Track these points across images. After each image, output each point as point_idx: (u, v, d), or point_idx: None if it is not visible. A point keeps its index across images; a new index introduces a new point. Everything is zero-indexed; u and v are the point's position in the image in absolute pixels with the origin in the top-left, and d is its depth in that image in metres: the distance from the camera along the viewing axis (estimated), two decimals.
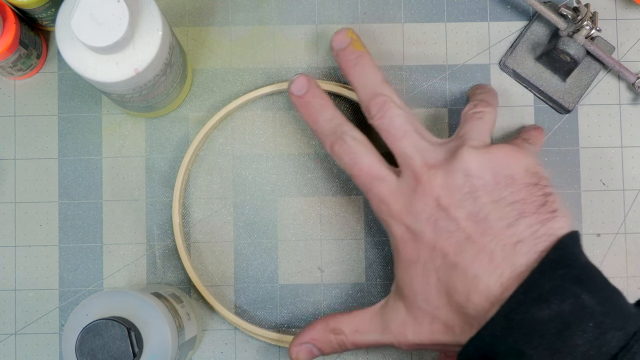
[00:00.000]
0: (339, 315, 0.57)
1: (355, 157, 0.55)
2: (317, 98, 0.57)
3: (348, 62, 0.57)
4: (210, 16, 0.64)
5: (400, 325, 0.54)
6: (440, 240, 0.51)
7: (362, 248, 0.64)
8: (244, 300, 0.63)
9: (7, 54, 0.58)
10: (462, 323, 0.51)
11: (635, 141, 0.64)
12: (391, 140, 0.55)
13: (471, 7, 0.65)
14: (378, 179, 0.54)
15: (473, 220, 0.51)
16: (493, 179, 0.52)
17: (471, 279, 0.50)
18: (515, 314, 0.48)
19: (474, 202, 0.51)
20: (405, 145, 0.54)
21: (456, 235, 0.51)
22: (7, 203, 0.63)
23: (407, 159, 0.54)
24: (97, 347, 0.49)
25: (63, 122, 0.64)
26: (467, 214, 0.51)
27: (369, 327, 0.55)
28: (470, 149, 0.52)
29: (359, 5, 0.64)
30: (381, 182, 0.54)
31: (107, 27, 0.49)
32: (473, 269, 0.50)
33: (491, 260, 0.50)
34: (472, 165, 0.52)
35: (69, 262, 0.63)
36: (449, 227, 0.51)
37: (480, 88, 0.61)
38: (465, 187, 0.51)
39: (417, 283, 0.52)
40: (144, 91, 0.55)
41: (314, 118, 0.57)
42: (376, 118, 0.55)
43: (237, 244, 0.63)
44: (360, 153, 0.55)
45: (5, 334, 0.62)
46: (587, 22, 0.60)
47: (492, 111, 0.57)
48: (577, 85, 0.64)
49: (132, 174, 0.64)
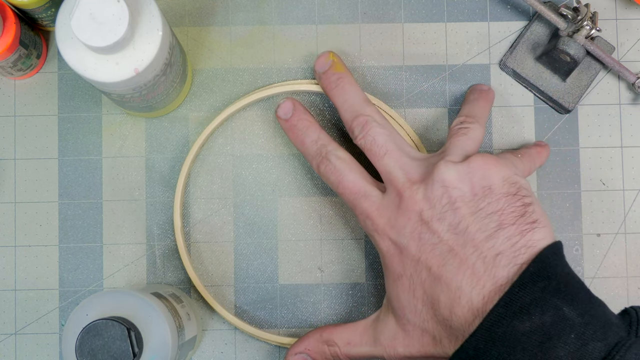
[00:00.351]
0: (332, 327, 0.57)
1: (340, 176, 0.56)
2: (302, 120, 0.59)
3: (330, 84, 0.60)
4: (210, 16, 0.64)
5: (391, 339, 0.54)
6: (424, 253, 0.52)
7: (362, 248, 0.64)
8: (244, 300, 0.63)
9: (7, 54, 0.58)
10: (449, 335, 0.51)
11: (635, 141, 0.64)
12: (375, 159, 0.56)
13: (471, 7, 0.65)
14: (362, 196, 0.55)
15: (454, 232, 0.51)
16: (471, 190, 0.52)
17: (454, 291, 0.50)
18: (497, 327, 0.48)
19: (453, 214, 0.52)
20: (387, 162, 0.55)
21: (439, 248, 0.51)
22: (7, 203, 0.63)
23: (390, 176, 0.55)
24: (97, 347, 0.49)
25: (63, 122, 0.64)
26: (447, 226, 0.52)
27: (361, 340, 0.56)
28: (447, 162, 0.53)
29: (359, 5, 0.64)
30: (365, 199, 0.55)
31: (107, 27, 0.49)
32: (456, 281, 0.50)
33: (473, 273, 0.50)
34: (448, 176, 0.52)
35: (69, 262, 0.63)
36: (431, 240, 0.52)
37: (476, 93, 0.61)
38: (444, 198, 0.52)
39: (404, 296, 0.53)
40: (144, 91, 0.55)
41: (300, 140, 0.59)
42: (359, 138, 0.57)
43: (237, 244, 0.63)
44: (344, 171, 0.56)
45: (5, 334, 0.62)
46: (587, 22, 0.60)
47: (477, 127, 0.57)
48: (577, 85, 0.64)
49: (132, 174, 0.64)
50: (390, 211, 0.54)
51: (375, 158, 0.56)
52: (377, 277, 0.63)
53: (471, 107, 0.60)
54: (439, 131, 0.64)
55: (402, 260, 0.53)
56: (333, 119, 0.64)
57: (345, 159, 0.57)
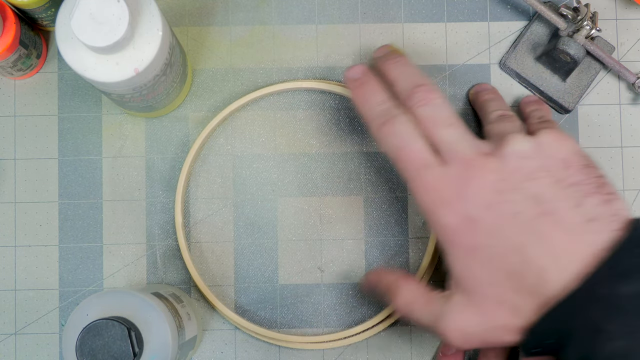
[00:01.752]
0: (405, 279, 0.56)
1: (404, 141, 0.53)
2: (372, 82, 0.57)
3: (390, 60, 0.57)
4: (210, 16, 0.64)
5: (457, 320, 0.53)
6: (503, 224, 0.50)
7: (362, 248, 0.64)
8: (244, 300, 0.63)
9: (7, 54, 0.58)
10: (532, 303, 0.50)
11: (635, 141, 0.64)
12: (436, 128, 0.53)
13: (471, 7, 0.65)
14: (425, 166, 0.53)
15: (535, 202, 0.50)
16: (547, 162, 0.51)
17: (545, 258, 0.50)
18: (599, 288, 0.48)
19: (533, 185, 0.51)
20: (452, 133, 0.53)
21: (520, 218, 0.50)
22: (7, 203, 0.63)
23: (455, 146, 0.53)
24: (98, 347, 0.49)
25: (63, 122, 0.64)
26: (527, 196, 0.50)
27: (421, 309, 0.55)
28: (517, 134, 0.52)
29: (359, 5, 0.64)
30: (428, 169, 0.53)
31: (107, 27, 0.49)
32: (546, 248, 0.50)
33: (566, 240, 0.49)
34: (523, 148, 0.52)
35: (69, 262, 0.63)
36: (510, 209, 0.50)
37: (490, 93, 0.62)
38: (521, 170, 0.51)
39: (480, 270, 0.51)
40: (144, 91, 0.55)
41: (366, 99, 0.56)
42: (420, 104, 0.54)
43: (237, 244, 0.63)
44: (409, 137, 0.53)
45: (5, 334, 0.62)
46: (587, 22, 0.60)
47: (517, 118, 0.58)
48: (577, 85, 0.64)
49: (132, 174, 0.64)
50: (457, 183, 0.52)
51: (437, 128, 0.53)
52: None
53: (498, 103, 0.59)
54: None
55: (475, 232, 0.51)
56: (333, 119, 0.64)
57: (411, 125, 0.54)
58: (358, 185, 0.64)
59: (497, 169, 0.51)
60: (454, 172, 0.52)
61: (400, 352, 0.63)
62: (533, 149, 0.52)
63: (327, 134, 0.64)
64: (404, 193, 0.64)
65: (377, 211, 0.64)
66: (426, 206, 0.53)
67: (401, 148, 0.53)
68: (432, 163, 0.53)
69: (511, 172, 0.51)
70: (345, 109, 0.64)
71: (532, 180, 0.51)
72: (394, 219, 0.64)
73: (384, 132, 0.54)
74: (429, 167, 0.53)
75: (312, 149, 0.64)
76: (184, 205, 0.63)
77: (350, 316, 0.63)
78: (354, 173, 0.64)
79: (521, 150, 0.52)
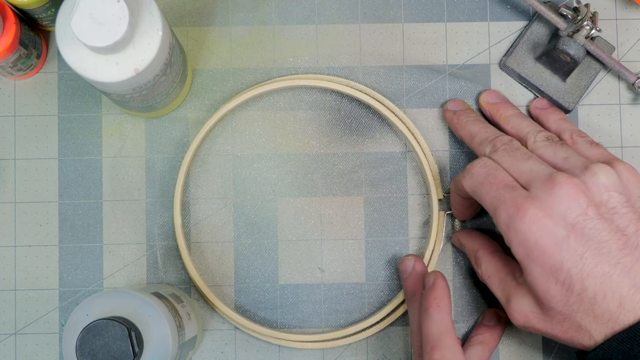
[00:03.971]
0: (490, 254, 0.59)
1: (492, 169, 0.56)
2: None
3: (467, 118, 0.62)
4: (210, 16, 0.64)
5: (524, 311, 0.55)
6: (589, 249, 0.52)
7: (362, 248, 0.64)
8: (245, 300, 0.63)
9: (7, 54, 0.58)
10: (603, 327, 0.52)
11: (635, 141, 0.64)
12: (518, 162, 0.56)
13: (471, 7, 0.65)
14: (512, 187, 0.54)
15: (622, 233, 0.52)
16: (632, 198, 0.53)
17: (628, 288, 0.51)
18: None
19: (618, 217, 0.52)
20: (533, 162, 0.55)
21: (607, 247, 0.52)
22: (7, 203, 0.63)
23: (538, 173, 0.54)
24: (98, 347, 0.49)
25: (63, 122, 0.64)
26: (614, 227, 0.52)
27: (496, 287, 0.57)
28: (603, 166, 0.54)
29: (359, 5, 0.64)
30: (515, 189, 0.54)
31: (107, 27, 0.49)
32: (629, 280, 0.51)
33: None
34: (610, 181, 0.53)
35: (69, 262, 0.63)
36: (597, 237, 0.52)
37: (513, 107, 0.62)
38: (609, 202, 0.53)
39: (559, 291, 0.52)
40: (144, 91, 0.55)
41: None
42: (501, 149, 0.57)
43: (237, 244, 0.63)
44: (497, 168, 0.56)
45: (5, 334, 0.62)
46: (587, 22, 0.60)
47: None
48: (577, 85, 0.64)
49: (132, 174, 0.64)
50: (543, 201, 0.53)
51: (519, 161, 0.56)
52: (377, 277, 0.63)
53: (527, 121, 0.61)
54: (439, 131, 0.64)
55: (559, 252, 0.52)
56: (333, 119, 0.64)
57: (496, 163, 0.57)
58: (358, 185, 0.64)
59: (585, 195, 0.52)
60: (538, 193, 0.53)
61: (400, 352, 0.63)
62: (617, 184, 0.53)
63: (327, 135, 0.64)
64: (404, 193, 0.64)
65: (377, 211, 0.64)
66: (507, 223, 0.54)
67: (489, 174, 0.55)
68: (518, 186, 0.54)
69: (599, 203, 0.52)
70: (345, 109, 0.64)
71: (617, 214, 0.52)
72: (394, 219, 0.64)
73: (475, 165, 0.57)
74: (515, 189, 0.54)
75: (312, 149, 0.64)
76: (184, 206, 0.63)
77: (350, 316, 0.63)
78: (354, 173, 0.64)
79: (608, 183, 0.53)
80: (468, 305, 0.63)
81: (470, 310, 0.63)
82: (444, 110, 0.63)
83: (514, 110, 0.62)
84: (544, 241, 0.52)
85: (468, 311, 0.63)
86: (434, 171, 0.63)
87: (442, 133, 0.64)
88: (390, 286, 0.63)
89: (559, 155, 0.56)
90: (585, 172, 0.53)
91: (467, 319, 0.63)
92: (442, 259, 0.64)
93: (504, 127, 0.61)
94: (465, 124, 0.61)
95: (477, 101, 0.64)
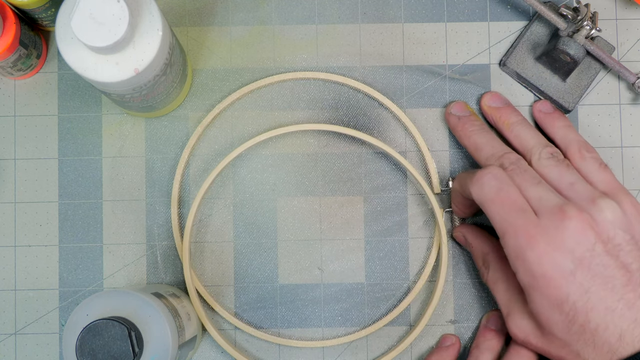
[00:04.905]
0: (500, 260, 0.59)
1: (504, 183, 0.55)
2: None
3: (473, 127, 0.61)
4: (210, 16, 0.64)
5: (525, 331, 0.56)
6: (595, 284, 0.52)
7: (362, 248, 0.64)
8: (244, 300, 0.63)
9: (7, 54, 0.58)
10: (600, 357, 0.53)
11: (635, 141, 0.64)
12: (527, 185, 0.56)
13: (471, 7, 0.65)
14: (523, 210, 0.54)
15: (627, 270, 0.53)
16: (636, 235, 0.54)
17: (628, 323, 0.52)
18: None
19: (624, 254, 0.53)
20: (542, 189, 0.55)
21: (612, 282, 0.52)
22: (7, 203, 0.63)
23: (547, 202, 0.54)
24: (98, 347, 0.49)
25: (63, 122, 0.64)
26: (619, 263, 0.53)
27: (500, 297, 0.59)
28: (609, 202, 0.54)
29: (359, 5, 0.64)
30: (526, 213, 0.54)
31: (107, 27, 0.49)
32: (631, 315, 0.52)
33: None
34: (616, 218, 0.54)
35: (69, 262, 0.63)
36: (603, 272, 0.52)
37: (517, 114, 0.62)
38: (616, 239, 0.53)
39: (560, 319, 0.53)
40: (144, 91, 0.55)
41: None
42: (510, 169, 0.57)
43: (237, 244, 0.63)
44: (510, 183, 0.56)
45: (5, 334, 0.62)
46: (587, 22, 0.60)
47: None
48: (577, 85, 0.64)
49: (132, 174, 0.64)
50: (552, 233, 0.53)
51: (527, 184, 0.56)
52: (377, 277, 0.63)
53: (532, 131, 0.61)
54: (439, 131, 0.64)
55: (566, 285, 0.53)
56: (333, 118, 0.64)
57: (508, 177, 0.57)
58: (358, 185, 0.64)
59: (593, 230, 0.53)
60: (548, 222, 0.53)
61: (400, 352, 0.63)
62: (622, 220, 0.54)
63: (327, 134, 0.64)
64: (403, 193, 0.64)
65: (377, 211, 0.64)
66: (512, 249, 0.54)
67: (500, 189, 0.55)
68: (529, 209, 0.54)
69: (606, 240, 0.53)
70: (344, 109, 0.64)
71: (623, 250, 0.53)
72: (394, 219, 0.64)
73: (486, 175, 0.56)
74: (525, 213, 0.54)
75: (311, 148, 0.64)
76: (184, 206, 0.63)
77: (350, 316, 0.63)
78: (353, 173, 0.64)
79: (614, 220, 0.53)
80: (468, 305, 0.63)
81: (470, 310, 0.63)
82: (446, 113, 0.63)
83: (517, 117, 0.62)
84: (552, 274, 0.53)
85: (468, 311, 0.63)
86: (433, 171, 0.63)
87: (442, 133, 0.64)
88: (390, 286, 0.63)
89: (565, 180, 0.56)
90: (593, 206, 0.54)
91: (467, 319, 0.63)
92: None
93: (506, 135, 0.61)
94: (470, 133, 0.61)
95: (477, 102, 0.64)
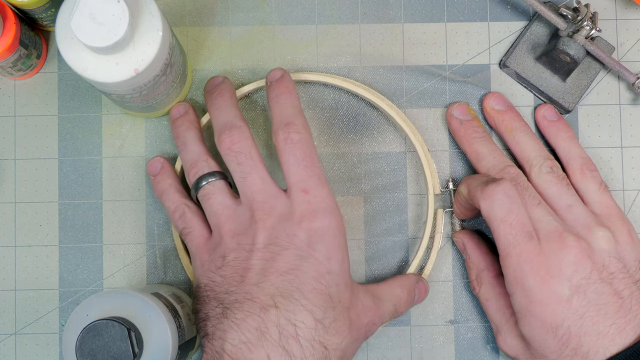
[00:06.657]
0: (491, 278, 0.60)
1: (514, 204, 0.56)
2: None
3: (475, 133, 0.62)
4: (210, 16, 0.64)
5: (515, 350, 0.58)
6: (589, 311, 0.54)
7: (362, 248, 0.64)
8: None
9: (7, 54, 0.58)
10: None
11: (635, 141, 0.64)
12: (526, 206, 0.57)
13: (471, 7, 0.65)
14: (530, 236, 0.55)
15: (618, 297, 0.55)
16: (628, 265, 0.56)
17: (618, 347, 0.54)
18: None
19: (617, 282, 0.55)
20: (541, 210, 0.57)
21: (605, 309, 0.54)
22: (7, 203, 0.63)
23: (548, 224, 0.56)
24: (98, 347, 0.49)
25: (63, 122, 0.64)
26: (612, 291, 0.55)
27: (492, 311, 0.60)
28: (605, 233, 0.56)
29: (359, 5, 0.64)
30: (530, 239, 0.55)
31: (107, 27, 0.49)
32: (621, 338, 0.54)
33: (632, 333, 0.54)
34: (610, 248, 0.56)
35: (69, 262, 0.63)
36: (597, 300, 0.54)
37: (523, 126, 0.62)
38: (610, 267, 0.55)
39: (553, 342, 0.55)
40: (144, 91, 0.55)
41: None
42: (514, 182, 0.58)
43: None
44: (519, 202, 0.56)
45: (5, 334, 0.62)
46: (587, 22, 0.60)
47: None
48: (577, 85, 0.64)
49: (132, 174, 0.64)
50: (552, 260, 0.55)
51: (527, 205, 0.57)
52: (377, 278, 0.63)
53: (536, 143, 0.61)
54: (439, 131, 0.64)
55: (562, 310, 0.54)
56: (332, 118, 0.64)
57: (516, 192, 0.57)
58: (358, 185, 0.64)
59: (590, 259, 0.55)
60: (549, 249, 0.55)
61: (400, 352, 0.63)
62: (615, 250, 0.56)
63: (326, 134, 0.64)
64: (403, 193, 0.64)
65: (377, 211, 0.64)
66: (516, 274, 0.55)
67: (511, 211, 0.55)
68: (534, 235, 0.55)
69: (601, 268, 0.55)
70: (344, 109, 0.64)
71: (616, 278, 0.55)
72: (394, 219, 0.64)
73: (498, 192, 0.56)
74: (531, 238, 0.55)
75: None
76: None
77: None
78: (353, 173, 0.64)
79: (609, 249, 0.56)
80: (468, 305, 0.63)
81: (470, 310, 0.63)
82: (448, 115, 0.63)
83: (520, 122, 0.62)
84: (549, 300, 0.54)
85: (468, 311, 0.63)
86: (433, 171, 0.63)
87: (442, 133, 0.64)
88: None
89: (563, 200, 0.58)
90: (590, 234, 0.56)
91: (467, 319, 0.63)
92: (441, 258, 0.64)
93: (507, 139, 0.62)
94: (472, 140, 0.61)
95: (478, 102, 0.64)
